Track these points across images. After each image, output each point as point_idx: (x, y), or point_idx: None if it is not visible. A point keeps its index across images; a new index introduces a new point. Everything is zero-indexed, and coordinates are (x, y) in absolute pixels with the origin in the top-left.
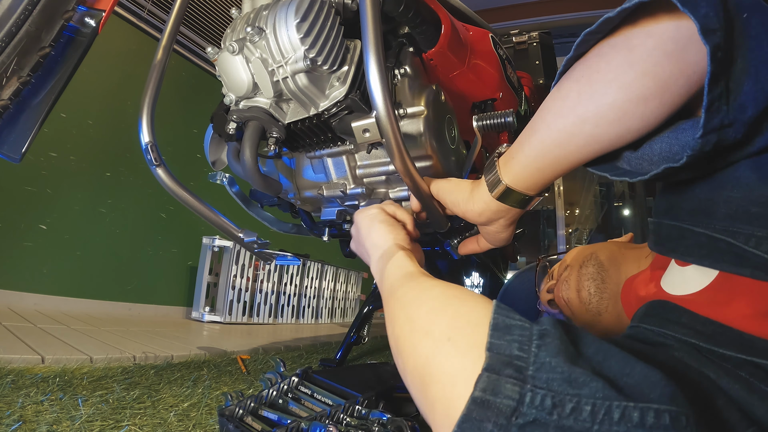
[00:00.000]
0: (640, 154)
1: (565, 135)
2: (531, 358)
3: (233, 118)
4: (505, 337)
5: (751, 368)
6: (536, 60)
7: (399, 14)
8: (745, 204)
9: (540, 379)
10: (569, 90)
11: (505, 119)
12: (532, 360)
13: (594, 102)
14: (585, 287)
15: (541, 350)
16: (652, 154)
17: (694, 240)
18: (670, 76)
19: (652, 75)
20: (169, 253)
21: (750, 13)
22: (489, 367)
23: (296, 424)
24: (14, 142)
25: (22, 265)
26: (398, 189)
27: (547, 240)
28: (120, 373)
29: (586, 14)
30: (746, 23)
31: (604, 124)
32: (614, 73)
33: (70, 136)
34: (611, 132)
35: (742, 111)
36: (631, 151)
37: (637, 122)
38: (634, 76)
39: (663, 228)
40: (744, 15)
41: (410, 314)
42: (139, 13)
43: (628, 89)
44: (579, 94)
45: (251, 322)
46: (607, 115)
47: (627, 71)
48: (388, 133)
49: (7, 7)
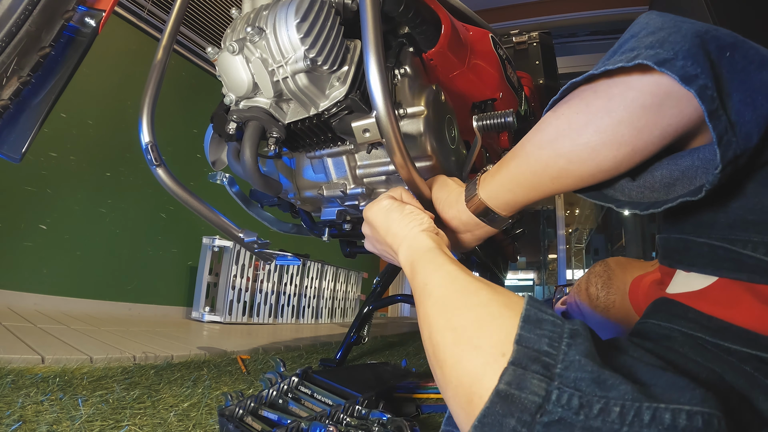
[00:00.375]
0: (641, 183)
1: (540, 165)
2: (560, 355)
3: (233, 118)
4: (536, 331)
5: (756, 362)
6: (536, 60)
7: (399, 14)
8: (743, 213)
9: (568, 377)
10: (549, 124)
11: (505, 119)
12: (561, 357)
13: (570, 140)
14: (593, 283)
15: (572, 348)
16: (653, 181)
17: (696, 250)
18: (645, 126)
19: (627, 124)
20: (169, 253)
21: (732, 50)
22: (516, 360)
23: (296, 424)
24: (14, 142)
25: (22, 265)
26: None
27: (547, 240)
28: (120, 373)
29: (586, 14)
30: (731, 60)
31: (577, 162)
32: (592, 116)
33: (70, 136)
34: (583, 169)
35: (749, 139)
36: (629, 180)
37: (609, 164)
38: (610, 123)
39: (670, 242)
40: (727, 54)
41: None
42: (139, 13)
43: (603, 134)
44: (557, 130)
45: (251, 322)
46: (580, 154)
47: (604, 117)
48: (388, 133)
49: (7, 7)
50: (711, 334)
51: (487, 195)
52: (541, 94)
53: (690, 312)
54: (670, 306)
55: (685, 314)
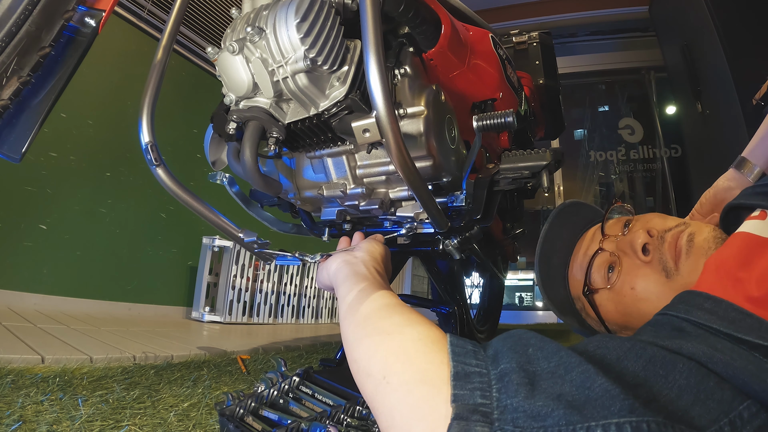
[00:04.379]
0: None
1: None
2: (494, 403)
3: (233, 118)
4: (467, 387)
5: (764, 351)
6: (536, 60)
7: (399, 14)
8: None
9: (506, 420)
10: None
11: (505, 119)
12: (495, 405)
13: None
14: (712, 248)
15: (502, 393)
16: None
17: None
18: None
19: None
20: (169, 253)
21: None
22: (458, 415)
23: (296, 424)
24: (14, 142)
25: (22, 265)
26: (398, 189)
27: None
28: (120, 373)
29: (586, 14)
30: None
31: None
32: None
33: (70, 136)
34: None
35: None
36: None
37: None
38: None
39: None
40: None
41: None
42: (139, 13)
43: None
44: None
45: (251, 322)
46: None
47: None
48: (388, 133)
49: (7, 7)
50: (725, 325)
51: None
52: (541, 94)
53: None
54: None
55: (702, 304)
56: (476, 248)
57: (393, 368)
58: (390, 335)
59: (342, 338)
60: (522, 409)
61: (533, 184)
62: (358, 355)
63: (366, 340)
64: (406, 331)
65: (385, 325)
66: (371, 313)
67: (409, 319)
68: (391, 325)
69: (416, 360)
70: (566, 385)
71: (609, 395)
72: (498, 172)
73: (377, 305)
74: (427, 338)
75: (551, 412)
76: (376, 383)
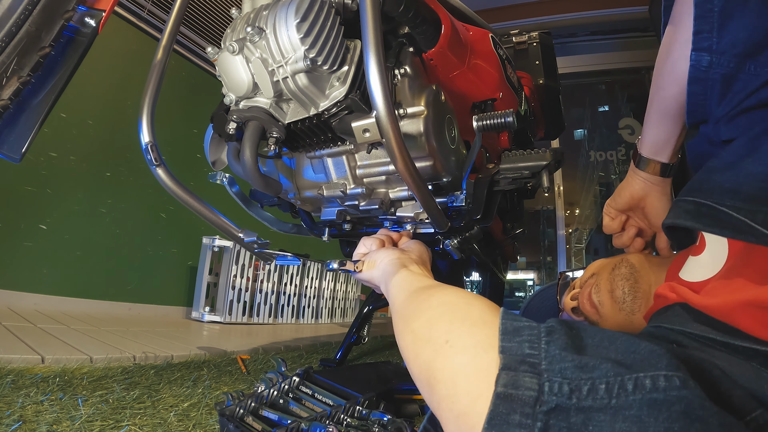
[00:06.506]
0: None
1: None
2: (542, 354)
3: (233, 118)
4: (515, 339)
5: (762, 359)
6: (536, 60)
7: (399, 14)
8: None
9: (553, 370)
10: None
11: (505, 119)
12: (543, 355)
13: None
14: (619, 287)
15: (551, 345)
16: None
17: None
18: None
19: None
20: (169, 253)
21: None
22: (505, 366)
23: (296, 424)
24: (14, 142)
25: (22, 265)
26: (398, 189)
27: (547, 240)
28: (120, 373)
29: (586, 14)
30: None
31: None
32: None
33: (70, 136)
34: None
35: None
36: None
37: None
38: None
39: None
40: None
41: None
42: (139, 13)
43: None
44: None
45: (251, 322)
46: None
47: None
48: (388, 133)
49: (7, 7)
50: (721, 335)
51: None
52: (541, 94)
53: (701, 317)
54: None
55: (696, 318)
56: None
57: (457, 332)
58: (456, 305)
59: (395, 319)
60: (570, 360)
61: (533, 184)
62: (419, 325)
63: (430, 311)
64: (474, 302)
65: (452, 297)
66: (439, 292)
67: (477, 296)
68: (458, 298)
69: (481, 326)
70: (612, 351)
71: (655, 354)
72: (498, 172)
73: (445, 289)
74: (494, 308)
75: (599, 365)
76: (436, 348)
